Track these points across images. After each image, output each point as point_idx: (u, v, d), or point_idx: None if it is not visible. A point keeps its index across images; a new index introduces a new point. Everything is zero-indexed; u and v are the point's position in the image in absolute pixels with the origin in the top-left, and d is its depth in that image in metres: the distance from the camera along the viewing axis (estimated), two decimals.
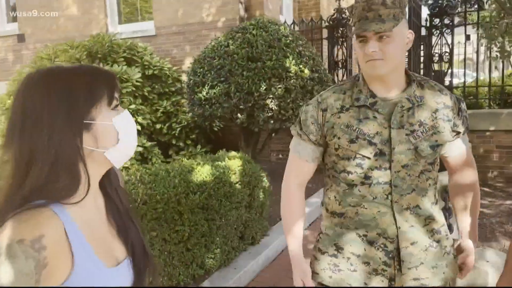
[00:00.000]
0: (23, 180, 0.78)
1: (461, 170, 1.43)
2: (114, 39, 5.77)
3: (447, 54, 5.63)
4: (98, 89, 0.85)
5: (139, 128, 5.25)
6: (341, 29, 6.29)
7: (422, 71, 5.87)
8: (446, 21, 5.62)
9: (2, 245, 0.71)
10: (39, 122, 0.80)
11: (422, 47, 5.82)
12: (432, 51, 5.78)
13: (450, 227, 3.17)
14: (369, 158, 1.29)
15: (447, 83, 5.85)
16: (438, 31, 5.68)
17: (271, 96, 4.36)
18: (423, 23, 5.92)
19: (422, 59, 5.87)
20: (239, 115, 4.50)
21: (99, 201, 0.92)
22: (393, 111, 1.29)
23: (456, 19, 5.76)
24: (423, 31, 5.86)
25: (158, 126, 5.49)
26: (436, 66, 5.74)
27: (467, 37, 5.76)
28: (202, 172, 2.96)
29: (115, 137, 0.86)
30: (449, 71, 5.67)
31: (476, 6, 5.56)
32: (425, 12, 8.37)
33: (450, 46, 5.58)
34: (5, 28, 8.70)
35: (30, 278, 0.71)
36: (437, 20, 5.69)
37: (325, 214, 1.45)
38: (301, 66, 4.54)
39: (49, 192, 0.78)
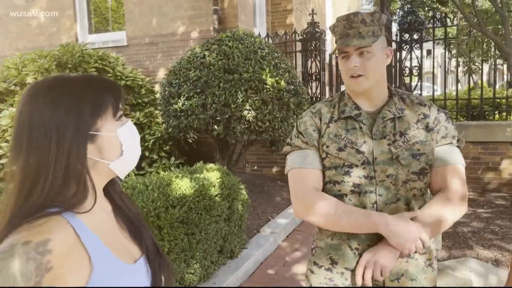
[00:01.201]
0: (32, 190, 0.79)
1: (442, 185, 1.34)
2: (85, 48, 5.62)
3: (416, 68, 5.82)
4: (104, 101, 0.85)
5: None
6: (314, 42, 6.40)
7: (393, 85, 6.04)
8: (415, 36, 5.83)
9: (6, 245, 0.73)
10: (47, 134, 0.80)
11: (392, 61, 6.00)
12: (402, 65, 5.96)
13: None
14: (357, 165, 1.32)
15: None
16: (407, 46, 5.87)
17: (248, 107, 4.35)
18: (394, 38, 6.11)
19: (393, 72, 6.04)
20: (215, 126, 4.46)
21: (106, 207, 0.94)
22: (375, 122, 1.35)
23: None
24: (394, 46, 6.05)
25: None
26: (406, 79, 5.91)
27: (428, 52, 5.99)
28: (181, 185, 2.89)
29: (119, 148, 0.87)
30: (419, 84, 5.86)
31: (443, 22, 5.79)
32: (395, 27, 8.65)
33: (419, 60, 5.78)
34: None
35: (27, 280, 0.71)
36: (406, 35, 5.89)
37: (318, 227, 1.44)
38: (277, 78, 4.57)
39: (61, 202, 0.80)
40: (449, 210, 1.30)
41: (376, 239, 1.30)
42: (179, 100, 4.52)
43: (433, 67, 6.03)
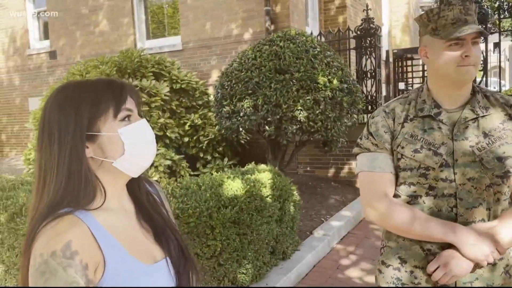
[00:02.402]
0: (43, 191, 0.86)
1: None
2: (143, 54, 5.86)
3: (481, 62, 5.45)
4: (102, 103, 0.88)
5: (167, 141, 5.29)
6: (369, 39, 6.21)
7: None
8: None
9: (39, 262, 0.77)
10: (51, 137, 0.86)
11: None
12: None
13: None
14: (433, 168, 1.26)
15: None
16: None
17: (299, 107, 4.30)
18: None
19: None
20: (267, 127, 4.46)
21: (128, 207, 0.97)
22: (456, 122, 1.28)
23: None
24: None
25: (186, 139, 5.51)
26: None
27: (495, 45, 5.59)
28: (233, 185, 2.92)
29: (121, 147, 0.89)
30: (484, 79, 5.49)
31: (511, 12, 5.38)
32: None
33: (484, 54, 5.41)
34: (38, 46, 9.01)
35: (78, 284, 0.76)
36: None
37: None
38: (329, 77, 4.48)
39: (71, 201, 0.85)
40: None
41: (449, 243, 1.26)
42: (231, 102, 4.57)
43: (500, 61, 5.61)
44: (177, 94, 5.75)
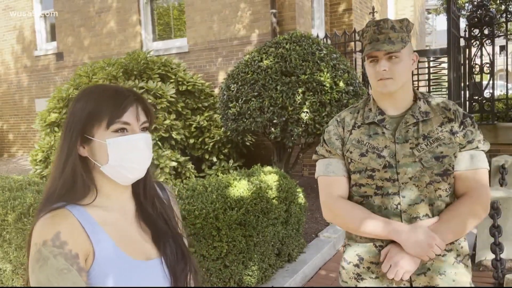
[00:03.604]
0: (52, 186, 0.97)
1: (467, 189, 1.38)
2: (149, 56, 5.89)
3: (488, 65, 5.43)
4: (100, 111, 0.96)
5: (173, 143, 5.30)
6: None
7: (461, 84, 5.69)
8: (486, 31, 5.44)
9: (34, 251, 0.86)
10: (62, 136, 0.99)
11: (461, 59, 5.65)
12: (472, 63, 5.59)
13: (500, 246, 3.00)
14: (378, 170, 1.39)
15: (488, 95, 5.63)
16: (477, 42, 5.50)
17: (305, 110, 4.30)
18: (462, 33, 5.75)
19: (462, 70, 5.68)
20: (272, 129, 4.46)
21: (129, 208, 1.04)
22: (398, 127, 1.41)
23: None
24: (462, 42, 5.69)
25: (191, 141, 5.53)
26: (476, 78, 5.54)
27: (501, 48, 5.56)
28: (239, 187, 2.92)
29: (106, 155, 0.96)
30: (490, 82, 5.46)
31: None
32: (464, 23, 8.15)
33: (491, 57, 5.38)
34: (44, 47, 9.08)
35: (69, 271, 0.84)
36: (476, 31, 5.51)
37: None
38: (335, 79, 4.48)
39: (68, 196, 0.95)
40: (472, 213, 1.35)
41: None
42: (237, 104, 4.58)
43: (507, 64, 5.58)
44: (183, 95, 5.77)
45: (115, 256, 0.92)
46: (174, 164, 4.94)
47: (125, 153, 0.96)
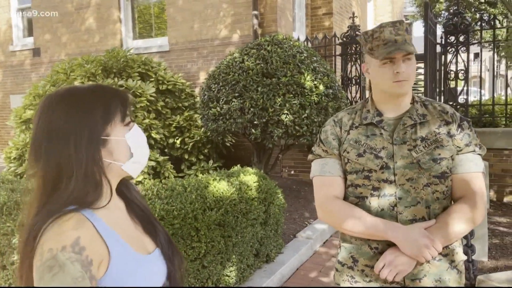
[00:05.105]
0: (54, 189, 0.89)
1: (464, 192, 1.37)
2: (129, 54, 5.82)
3: (462, 71, 5.59)
4: (113, 108, 0.94)
5: (152, 142, 5.25)
6: (354, 46, 6.30)
7: (437, 89, 5.83)
8: (461, 38, 5.60)
9: (47, 257, 0.80)
10: (66, 139, 0.89)
11: (437, 64, 5.79)
12: (447, 69, 5.74)
13: (472, 248, 3.08)
14: (375, 170, 1.38)
15: (462, 100, 5.79)
16: (453, 49, 5.66)
17: (285, 112, 4.34)
18: (438, 40, 5.90)
19: (437, 76, 5.83)
20: (253, 130, 4.48)
21: (120, 204, 1.02)
22: (396, 128, 1.41)
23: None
24: (438, 48, 5.84)
25: (171, 140, 5.49)
26: (451, 84, 5.69)
27: (476, 55, 5.75)
28: (219, 188, 2.92)
29: (128, 151, 0.95)
30: (465, 89, 5.62)
31: (491, 24, 5.54)
32: (440, 30, 8.37)
33: (466, 64, 5.54)
34: (21, 42, 8.85)
35: (83, 279, 0.79)
36: (452, 38, 5.67)
37: None
38: (316, 82, 4.53)
39: (81, 200, 0.89)
40: (468, 218, 1.33)
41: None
42: (218, 104, 4.58)
43: (481, 71, 5.76)
44: (163, 95, 5.72)
45: (130, 256, 0.91)
46: (153, 163, 4.89)
47: (139, 143, 0.97)
